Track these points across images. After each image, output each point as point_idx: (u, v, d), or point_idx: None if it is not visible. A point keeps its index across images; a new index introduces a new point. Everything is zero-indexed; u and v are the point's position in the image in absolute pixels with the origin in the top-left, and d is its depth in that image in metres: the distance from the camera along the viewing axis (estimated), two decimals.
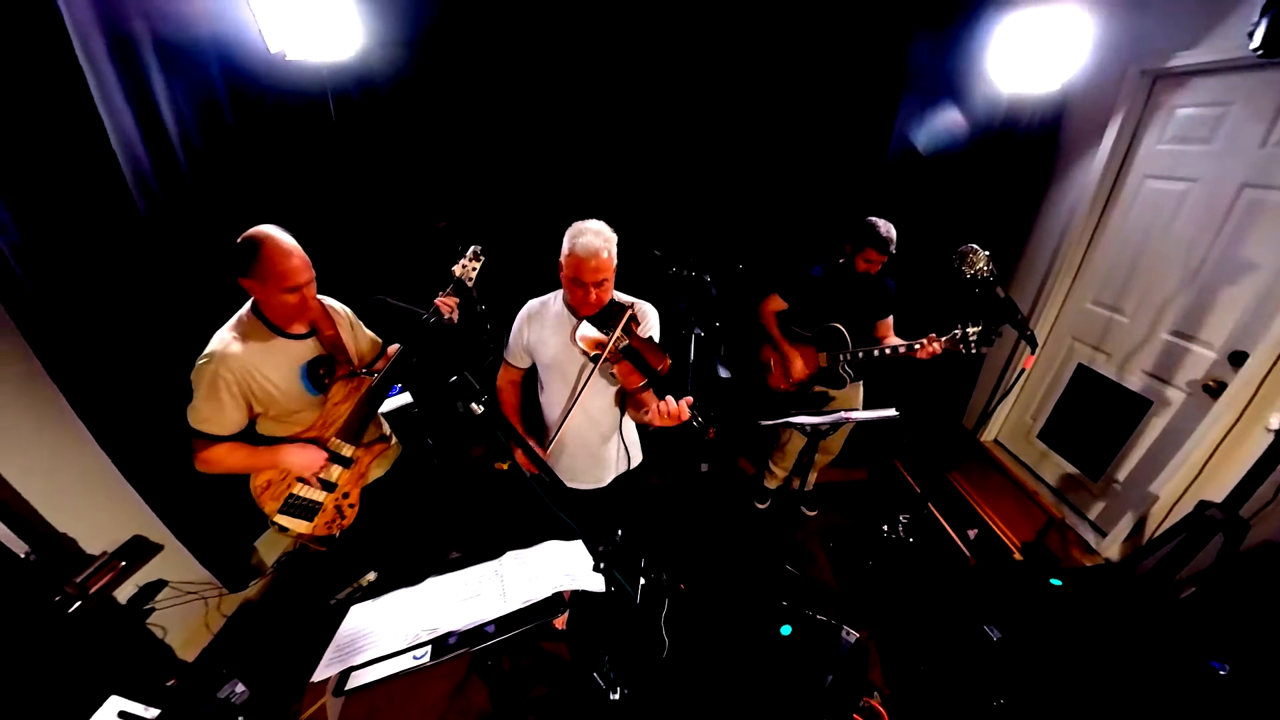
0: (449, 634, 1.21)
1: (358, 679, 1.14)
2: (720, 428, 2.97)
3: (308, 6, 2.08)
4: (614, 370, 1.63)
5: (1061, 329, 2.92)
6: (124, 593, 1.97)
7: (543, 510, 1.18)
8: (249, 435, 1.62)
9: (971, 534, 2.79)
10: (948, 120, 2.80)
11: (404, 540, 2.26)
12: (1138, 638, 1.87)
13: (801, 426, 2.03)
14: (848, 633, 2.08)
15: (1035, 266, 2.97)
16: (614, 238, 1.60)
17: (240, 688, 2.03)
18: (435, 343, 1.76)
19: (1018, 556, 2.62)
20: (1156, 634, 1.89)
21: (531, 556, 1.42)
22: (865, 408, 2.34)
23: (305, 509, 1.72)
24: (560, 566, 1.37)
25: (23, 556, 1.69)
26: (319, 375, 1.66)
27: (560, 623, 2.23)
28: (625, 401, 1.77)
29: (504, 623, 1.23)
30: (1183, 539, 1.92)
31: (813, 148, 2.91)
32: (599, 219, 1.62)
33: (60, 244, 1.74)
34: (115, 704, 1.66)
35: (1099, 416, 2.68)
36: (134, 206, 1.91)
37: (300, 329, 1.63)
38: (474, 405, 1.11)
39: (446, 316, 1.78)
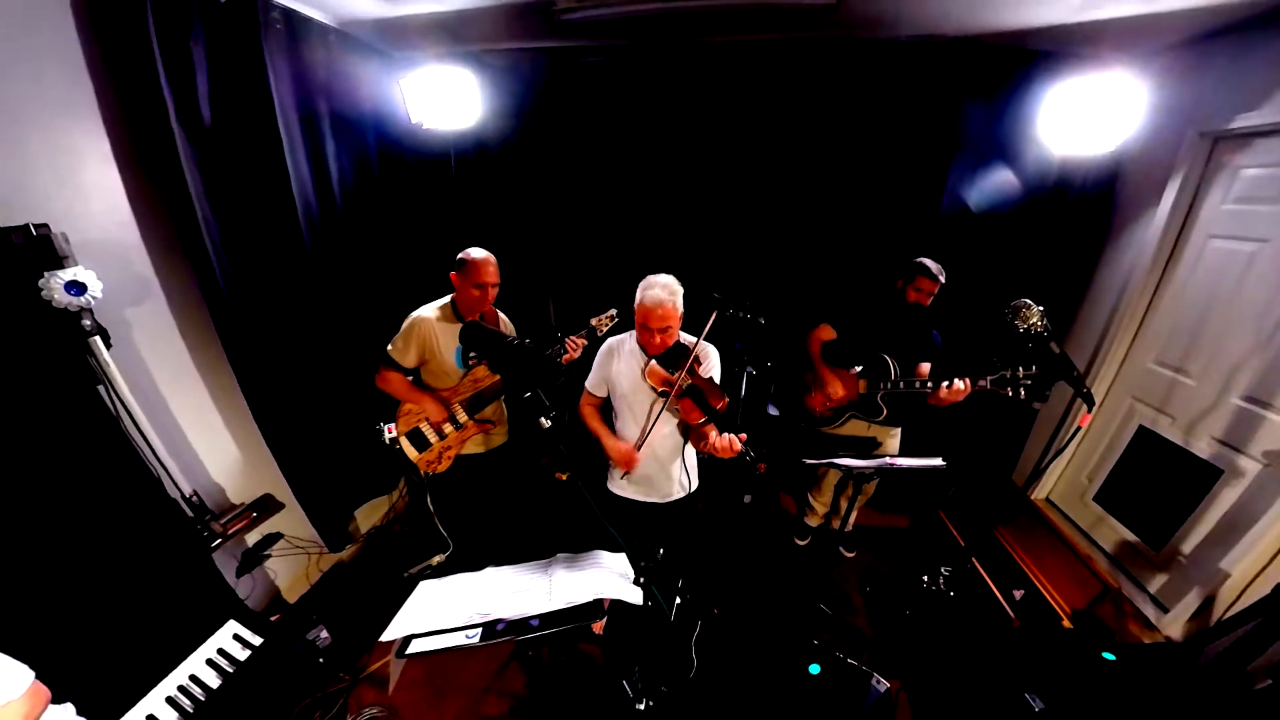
0: (498, 621, 1.26)
1: (417, 646, 1.22)
2: (770, 463, 2.93)
3: (442, 89, 2.51)
4: (677, 405, 1.76)
5: (1121, 388, 2.67)
6: (251, 538, 2.29)
7: (594, 522, 1.21)
8: (414, 378, 2.17)
9: (1017, 594, 2.54)
10: (998, 180, 2.74)
11: (477, 515, 2.51)
12: None
13: (845, 469, 2.01)
14: (878, 681, 1.99)
15: (1092, 324, 2.77)
16: (679, 291, 1.72)
17: (325, 634, 2.25)
18: (514, 363, 2.00)
19: (1067, 624, 2.34)
20: None
21: (579, 562, 1.46)
22: (912, 455, 2.23)
23: (420, 441, 2.20)
24: (604, 575, 1.38)
25: (185, 495, 2.05)
26: (468, 358, 2.12)
27: (598, 628, 2.24)
28: (688, 431, 1.87)
29: (547, 619, 1.26)
30: (1258, 624, 1.66)
31: (868, 205, 2.94)
32: (669, 262, 1.78)
33: (248, 266, 2.14)
34: (232, 627, 1.93)
35: (1162, 482, 2.39)
36: (301, 237, 2.33)
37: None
38: (542, 419, 1.17)
39: (569, 354, 2.10)
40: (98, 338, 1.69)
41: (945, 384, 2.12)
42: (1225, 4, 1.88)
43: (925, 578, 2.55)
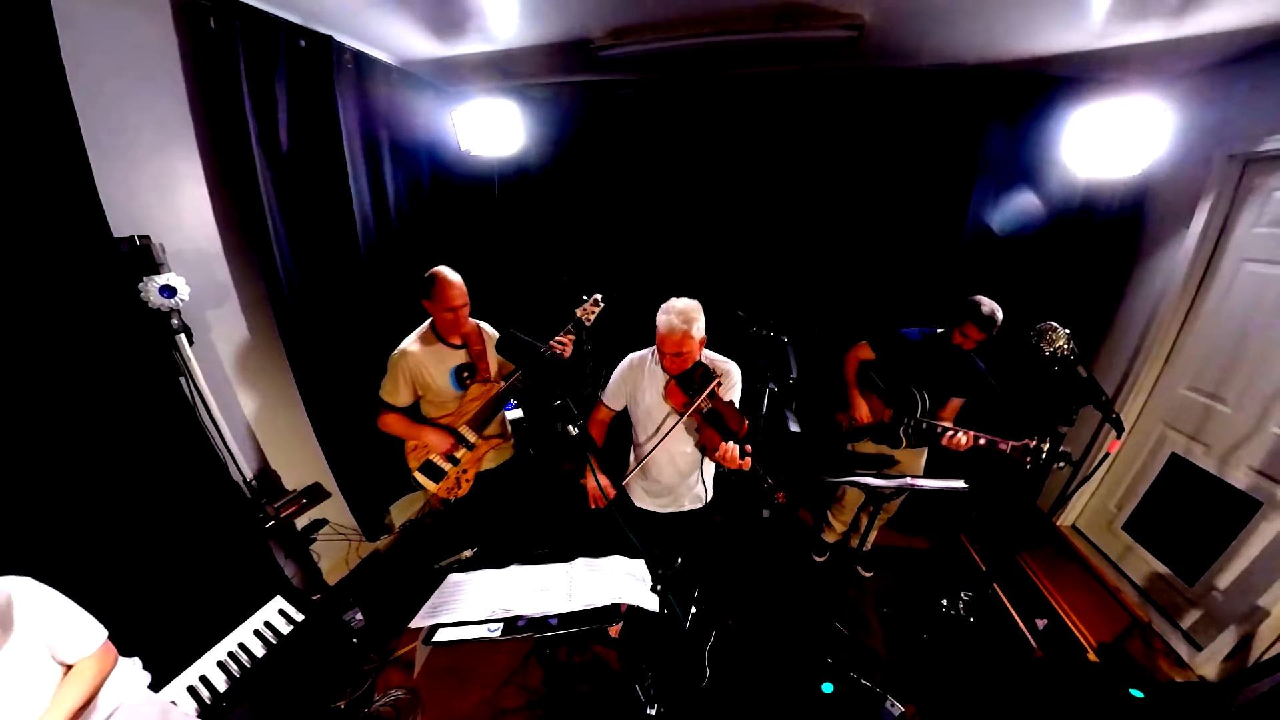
0: (519, 617, 1.27)
1: (443, 635, 1.24)
2: (789, 491, 2.87)
3: (489, 119, 2.69)
4: (696, 426, 1.75)
5: (1152, 414, 2.54)
6: (300, 522, 2.42)
7: (614, 528, 1.22)
8: (414, 413, 2.11)
9: (1040, 624, 2.41)
10: (1022, 204, 2.68)
11: (501, 525, 2.52)
12: None
13: (867, 488, 1.98)
14: (892, 704, 1.92)
15: (1121, 348, 2.65)
16: (697, 317, 1.68)
17: (359, 616, 2.36)
18: (547, 372, 2.07)
19: (1092, 657, 2.21)
20: None
21: (599, 566, 1.46)
22: (932, 476, 2.19)
23: (434, 472, 2.13)
24: (622, 580, 1.38)
25: (246, 479, 2.21)
26: (462, 377, 2.09)
27: (614, 631, 2.18)
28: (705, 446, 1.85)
29: (566, 619, 1.27)
30: None
31: (891, 227, 2.93)
32: (695, 280, 1.77)
33: (310, 275, 2.33)
34: (278, 602, 2.05)
35: (1196, 513, 2.25)
36: (358, 251, 2.51)
37: (456, 341, 2.08)
38: (570, 427, 1.18)
39: (559, 353, 2.01)
40: (182, 335, 1.88)
41: (950, 433, 2.11)
42: (1249, 28, 1.83)
43: (944, 602, 2.45)
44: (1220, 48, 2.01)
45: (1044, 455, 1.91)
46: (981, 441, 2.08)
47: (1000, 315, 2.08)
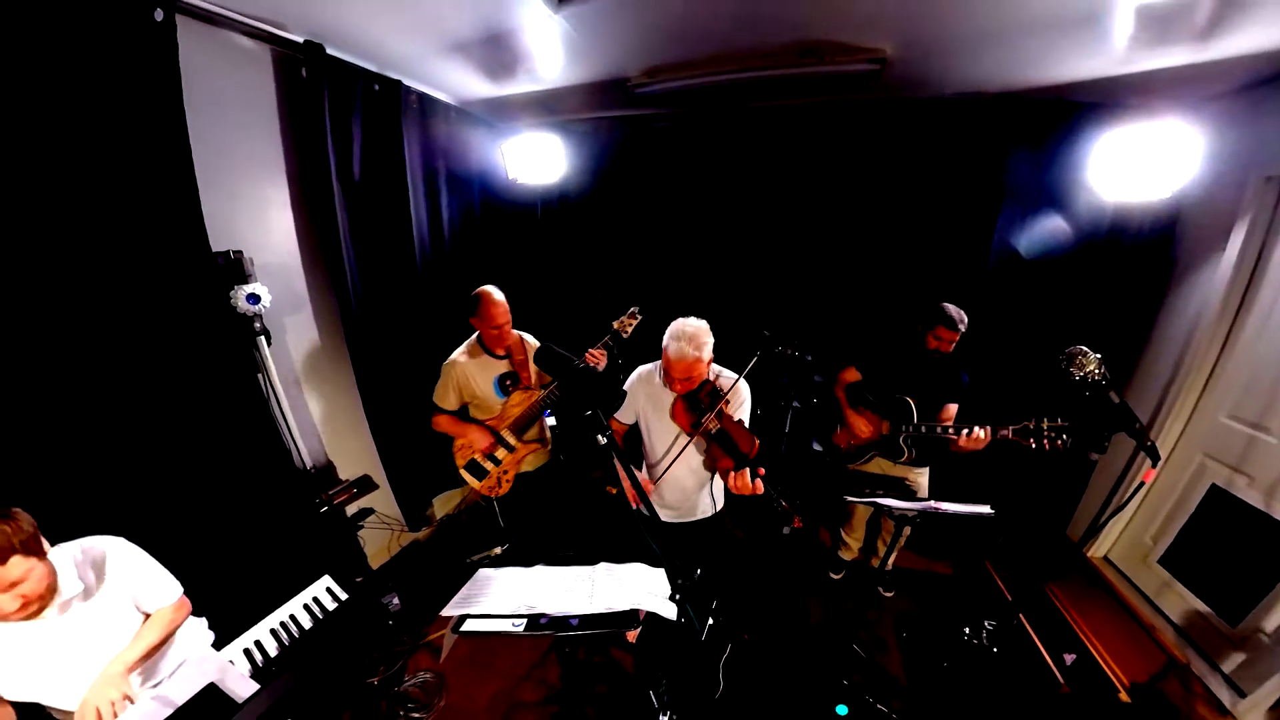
0: (542, 614, 1.28)
1: (470, 625, 1.26)
2: (806, 515, 2.78)
3: (535, 151, 2.87)
4: (705, 446, 1.70)
5: (1190, 443, 2.35)
6: (350, 509, 2.56)
7: (636, 536, 1.22)
8: (463, 414, 2.27)
9: (1068, 658, 2.23)
10: (1049, 228, 2.59)
11: (533, 525, 2.59)
12: None
13: (887, 509, 1.91)
14: None
15: (1155, 374, 2.49)
16: (707, 341, 1.64)
17: (396, 600, 2.44)
18: (580, 384, 2.14)
19: (1124, 697, 2.03)
20: None
21: (620, 571, 1.45)
22: (957, 500, 2.02)
23: (478, 471, 2.25)
24: (642, 587, 1.37)
25: (306, 467, 2.37)
26: (505, 384, 2.22)
27: (631, 636, 2.23)
28: (714, 464, 1.79)
29: (586, 620, 1.27)
30: None
31: (916, 251, 2.88)
32: (724, 300, 1.76)
33: (373, 288, 2.52)
34: (326, 581, 2.14)
35: (1239, 549, 2.06)
36: (415, 267, 2.70)
37: (500, 352, 2.22)
38: (599, 437, 1.18)
39: (600, 360, 2.10)
40: (263, 338, 2.08)
41: (966, 431, 2.01)
42: (1275, 51, 1.75)
43: (967, 629, 2.32)
44: (1251, 70, 1.92)
45: (1046, 432, 1.83)
46: (1002, 433, 1.97)
47: (965, 317, 2.14)
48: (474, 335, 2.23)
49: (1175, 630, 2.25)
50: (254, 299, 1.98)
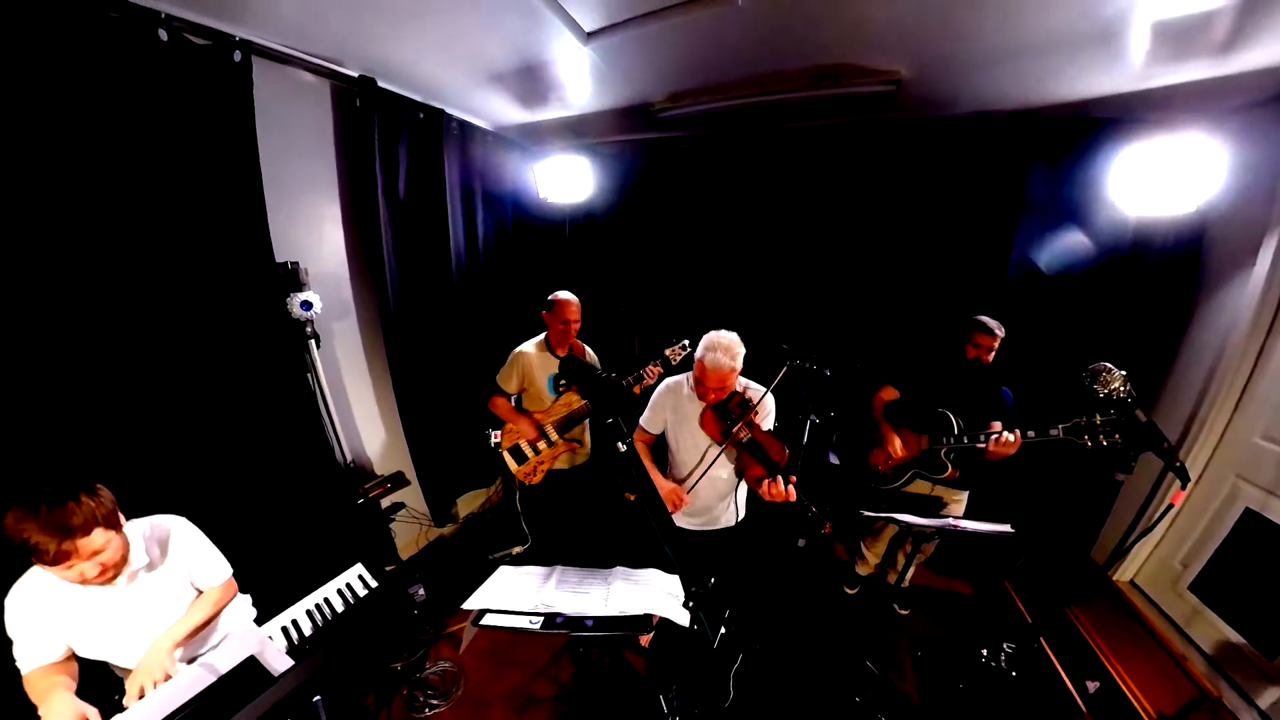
0: (558, 614, 1.28)
1: (489, 620, 1.28)
2: (834, 521, 2.71)
3: (564, 172, 2.98)
4: (736, 456, 1.69)
5: (1222, 464, 2.21)
6: (384, 503, 2.66)
7: (653, 543, 1.21)
8: (516, 403, 2.46)
9: (1091, 686, 2.10)
10: (1069, 243, 2.51)
11: (554, 525, 2.66)
12: None
13: (905, 525, 1.86)
14: None
15: (1184, 393, 2.36)
16: (740, 352, 1.66)
17: (421, 591, 2.48)
18: (602, 393, 2.18)
19: None
20: None
21: (636, 576, 1.46)
22: (976, 518, 1.97)
23: (519, 456, 2.44)
24: (657, 593, 1.37)
25: (347, 462, 2.49)
26: (559, 384, 2.37)
27: (644, 640, 2.22)
28: (742, 473, 1.78)
29: (601, 622, 1.27)
30: None
31: (934, 268, 2.84)
32: (744, 315, 1.80)
33: (412, 297, 2.65)
34: (358, 569, 2.22)
35: (1276, 576, 1.92)
36: (451, 280, 2.83)
37: (561, 353, 2.37)
38: (619, 444, 1.20)
39: (646, 380, 2.23)
40: (313, 341, 2.22)
41: (994, 436, 1.96)
42: None
43: (985, 651, 2.22)
44: (1277, 81, 1.84)
45: (1102, 428, 1.75)
46: (1031, 434, 1.91)
47: (1001, 329, 2.10)
48: (543, 334, 2.41)
49: (1206, 661, 2.09)
50: (307, 305, 2.12)
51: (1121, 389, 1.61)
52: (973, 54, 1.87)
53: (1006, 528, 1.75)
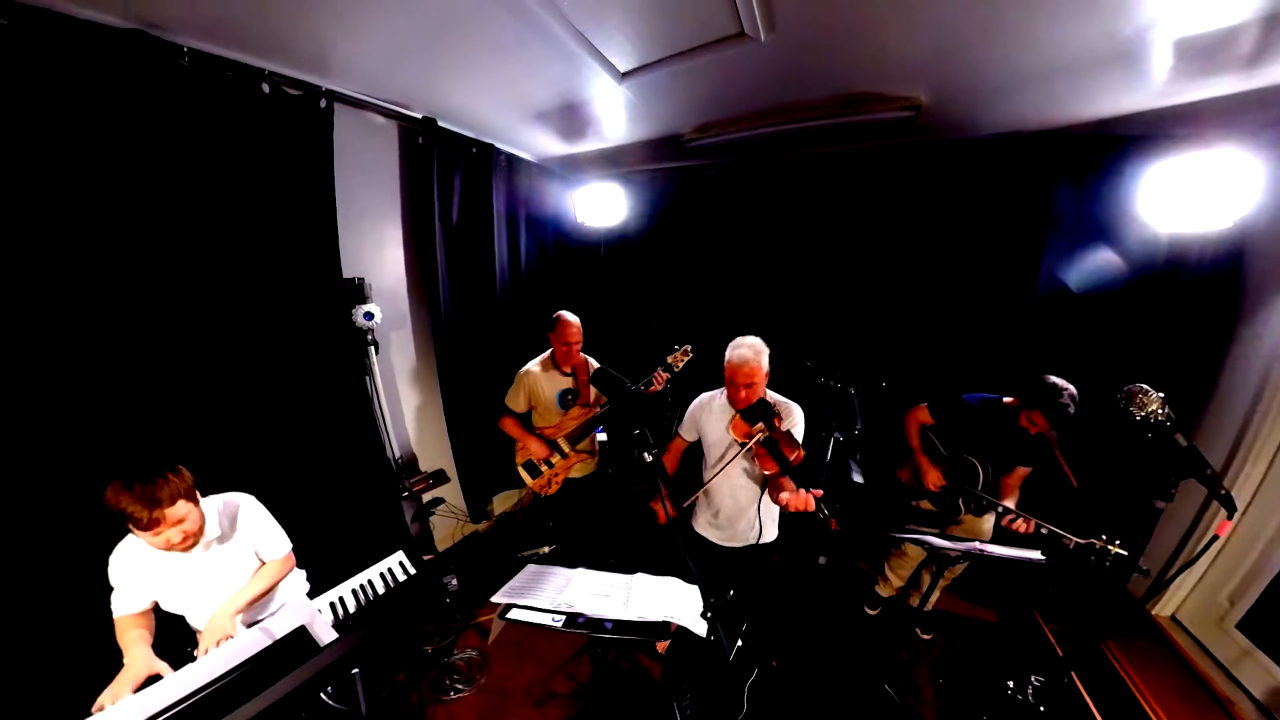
0: (580, 614, 1.30)
1: (515, 614, 1.32)
2: (843, 523, 2.63)
3: (600, 198, 3.13)
4: (755, 453, 1.69)
5: (1272, 493, 2.00)
6: (425, 497, 2.78)
7: (675, 551, 1.20)
8: (525, 421, 2.44)
9: None
10: (1099, 261, 2.37)
11: (577, 528, 2.69)
12: None
13: (932, 548, 1.80)
14: None
15: (1228, 416, 2.16)
16: (764, 351, 1.68)
17: (454, 581, 2.54)
18: (630, 404, 2.04)
19: None
20: None
21: (656, 583, 1.46)
22: (1006, 543, 1.86)
23: (533, 470, 2.43)
24: (676, 601, 1.37)
25: (395, 457, 2.64)
26: (566, 398, 2.40)
27: (661, 647, 2.21)
28: (766, 483, 1.75)
29: (619, 626, 1.28)
30: None
31: (959, 283, 2.76)
32: (769, 332, 1.76)
33: (460, 311, 2.82)
34: (399, 556, 2.30)
35: None
36: (495, 296, 2.99)
37: (566, 370, 2.41)
38: (645, 454, 1.21)
39: (654, 386, 2.17)
40: (372, 348, 2.41)
41: (1008, 515, 1.86)
42: None
43: (1011, 683, 2.04)
44: None
45: (1109, 559, 1.61)
46: (1044, 531, 1.80)
47: (1075, 405, 1.80)
48: (548, 351, 2.40)
49: (1256, 706, 1.88)
50: (369, 316, 2.31)
51: (1160, 411, 1.48)
52: (991, 80, 1.85)
53: (1037, 555, 1.64)
